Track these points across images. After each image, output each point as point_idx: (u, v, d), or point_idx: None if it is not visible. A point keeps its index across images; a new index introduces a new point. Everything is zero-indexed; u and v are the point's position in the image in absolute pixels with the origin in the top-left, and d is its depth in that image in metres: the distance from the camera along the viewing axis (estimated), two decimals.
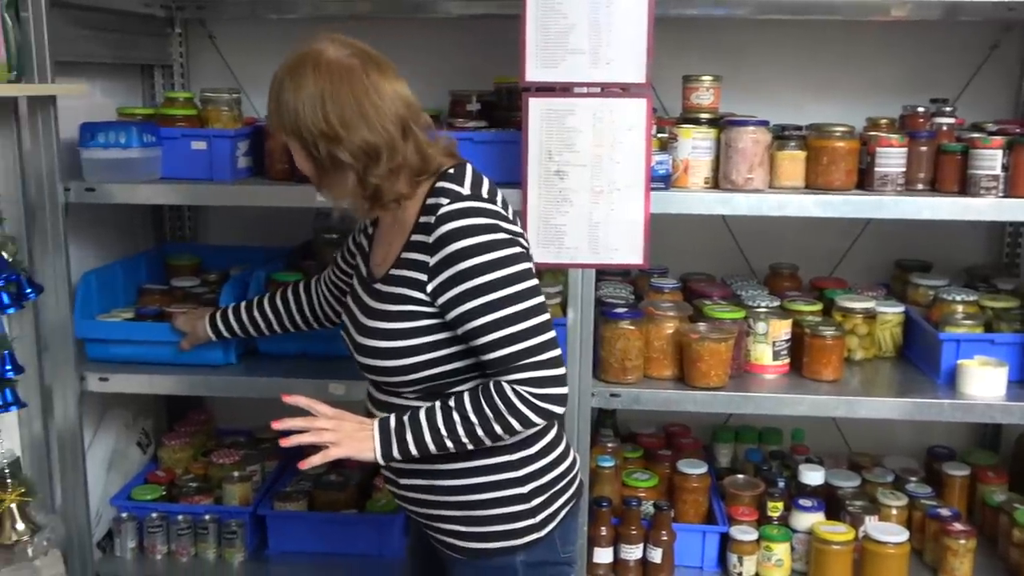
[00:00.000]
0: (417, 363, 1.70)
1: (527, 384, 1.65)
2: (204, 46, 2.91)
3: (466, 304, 1.63)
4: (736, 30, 2.76)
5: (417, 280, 1.68)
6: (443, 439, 1.67)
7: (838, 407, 2.27)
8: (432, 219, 1.65)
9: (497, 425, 1.66)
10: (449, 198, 1.66)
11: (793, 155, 2.27)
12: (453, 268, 1.63)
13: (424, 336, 1.69)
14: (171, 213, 2.98)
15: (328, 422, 1.70)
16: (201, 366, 2.41)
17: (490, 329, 1.63)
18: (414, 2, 2.45)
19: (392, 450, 1.69)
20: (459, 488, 1.76)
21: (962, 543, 2.37)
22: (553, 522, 1.79)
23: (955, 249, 2.84)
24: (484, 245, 1.63)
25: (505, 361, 1.65)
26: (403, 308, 1.69)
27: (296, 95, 1.61)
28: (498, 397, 1.65)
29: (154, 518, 2.56)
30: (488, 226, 1.65)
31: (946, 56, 2.76)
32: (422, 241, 1.67)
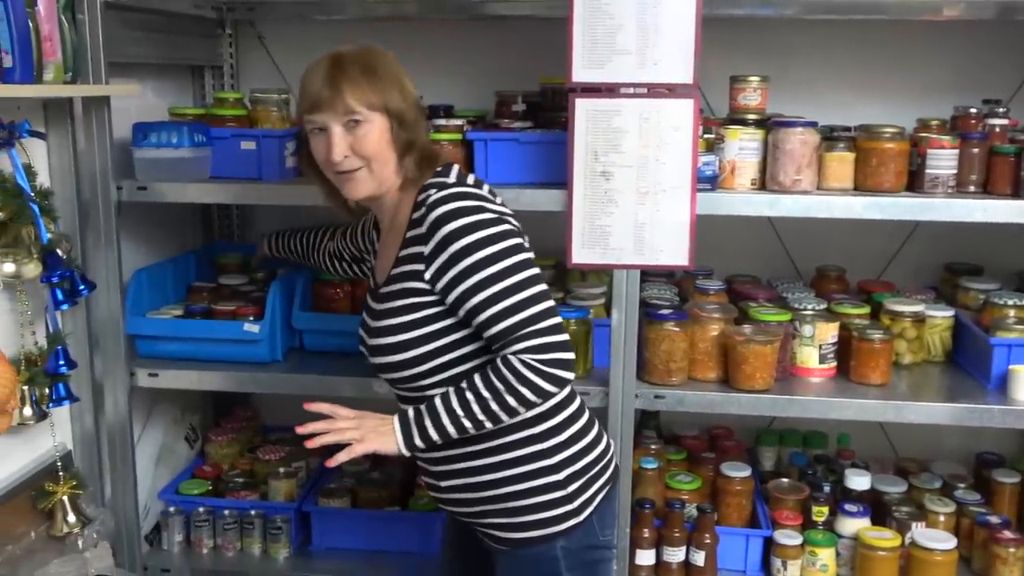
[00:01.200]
0: (426, 352, 1.76)
1: (531, 352, 1.69)
2: (253, 47, 2.95)
3: (463, 284, 1.70)
4: (784, 30, 2.73)
5: (416, 271, 1.75)
6: (460, 419, 1.72)
7: (886, 411, 2.24)
8: (423, 210, 1.73)
9: (510, 397, 1.70)
10: (436, 188, 1.75)
11: (842, 156, 2.25)
12: (447, 250, 1.70)
13: (430, 324, 1.75)
14: (220, 212, 3.02)
15: (349, 421, 1.77)
16: (247, 363, 2.44)
17: (488, 304, 1.69)
18: (459, 3, 2.46)
19: (414, 438, 1.74)
20: (497, 482, 1.81)
21: (1012, 551, 2.34)
22: (591, 507, 1.84)
23: (1006, 252, 2.78)
24: (473, 225, 1.70)
25: (506, 333, 1.70)
26: (406, 301, 1.76)
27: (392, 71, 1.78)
28: (506, 369, 1.70)
29: (201, 512, 2.60)
30: (474, 207, 1.72)
31: (999, 56, 2.71)
32: (417, 234, 1.75)
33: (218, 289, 2.66)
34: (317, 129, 1.78)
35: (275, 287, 2.48)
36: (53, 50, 2.02)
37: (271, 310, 2.46)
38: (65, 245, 2.10)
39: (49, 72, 2.01)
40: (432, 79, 2.82)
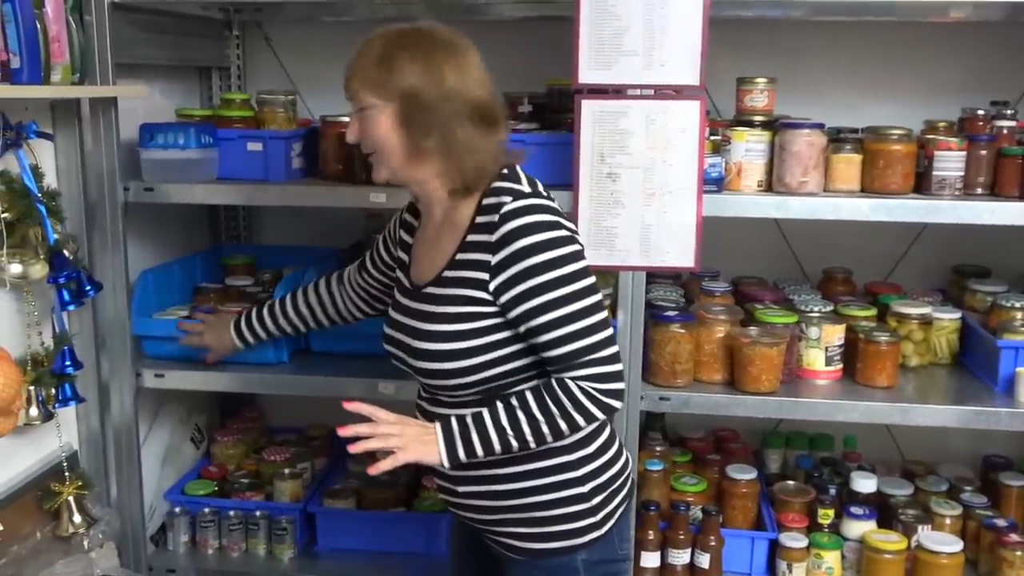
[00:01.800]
0: (478, 364, 1.70)
1: (590, 380, 1.67)
2: (260, 48, 2.95)
3: (530, 301, 1.65)
4: (791, 32, 2.73)
5: (478, 280, 1.68)
6: (508, 438, 1.68)
7: (892, 414, 2.24)
8: (495, 217, 1.66)
9: (563, 421, 1.67)
10: (511, 196, 1.67)
11: (849, 158, 2.24)
12: (518, 265, 1.64)
13: (485, 336, 1.69)
14: (227, 213, 3.03)
15: (392, 427, 1.70)
16: (253, 364, 2.44)
17: (554, 326, 1.65)
18: (466, 4, 2.46)
19: (457, 451, 1.69)
20: (520, 491, 1.77)
21: (1019, 555, 2.32)
22: (612, 519, 1.81)
23: (1014, 254, 2.78)
24: (548, 242, 1.65)
25: (569, 358, 1.66)
26: (463, 309, 1.70)
27: (412, 57, 1.66)
28: (563, 393, 1.67)
29: (206, 513, 2.60)
30: (551, 223, 1.66)
31: (1007, 57, 2.71)
32: (482, 240, 1.68)
33: (224, 290, 2.67)
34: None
35: (281, 288, 2.48)
36: (61, 51, 2.03)
37: None
38: (72, 246, 2.11)
39: (57, 73, 2.02)
40: None
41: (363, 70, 1.68)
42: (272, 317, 2.27)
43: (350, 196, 2.34)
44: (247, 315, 2.30)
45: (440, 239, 1.78)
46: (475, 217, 1.71)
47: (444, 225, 1.78)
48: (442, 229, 1.78)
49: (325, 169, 2.46)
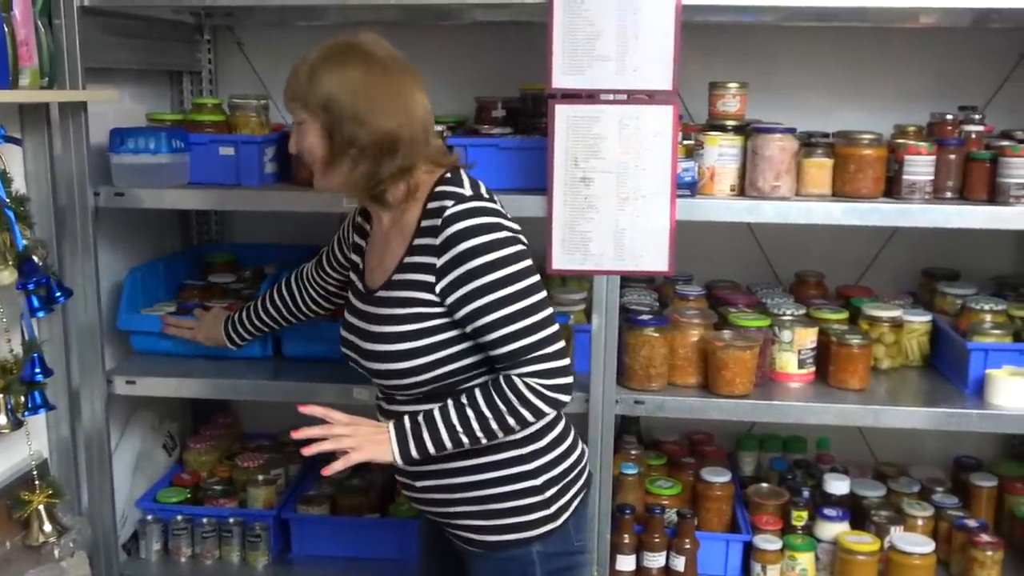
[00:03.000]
0: (428, 363, 1.74)
1: (537, 376, 1.71)
2: (232, 52, 2.94)
3: (475, 302, 1.69)
4: (763, 37, 2.75)
5: (424, 282, 1.73)
6: (459, 435, 1.72)
7: (864, 416, 2.25)
8: (438, 221, 1.71)
9: (510, 418, 1.72)
10: (453, 200, 1.72)
11: (820, 163, 2.26)
12: (462, 267, 1.69)
13: (433, 336, 1.74)
14: (199, 217, 3.01)
15: (345, 428, 1.75)
16: (234, 361, 2.46)
17: (499, 325, 1.69)
18: (440, 9, 2.45)
19: (409, 449, 1.74)
20: (474, 484, 1.81)
21: (989, 554, 2.35)
22: (567, 512, 1.85)
23: (983, 258, 2.81)
24: (490, 244, 1.69)
25: (515, 355, 1.70)
26: (411, 311, 1.74)
27: (335, 74, 1.68)
28: (509, 390, 1.71)
29: (179, 521, 2.58)
30: (492, 225, 1.71)
31: (975, 63, 2.74)
32: (427, 244, 1.73)
33: (208, 287, 2.69)
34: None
35: (264, 285, 2.50)
36: (29, 55, 2.01)
37: None
38: (41, 252, 2.08)
39: (25, 77, 2.00)
40: None
41: (294, 82, 1.73)
42: (250, 317, 2.34)
43: (323, 201, 2.33)
44: (234, 316, 2.37)
45: (389, 243, 1.83)
46: (421, 221, 1.75)
47: (392, 230, 1.82)
48: (390, 234, 1.83)
49: (298, 174, 2.45)
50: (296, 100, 1.72)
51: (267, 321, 2.31)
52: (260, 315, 2.32)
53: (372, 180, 1.73)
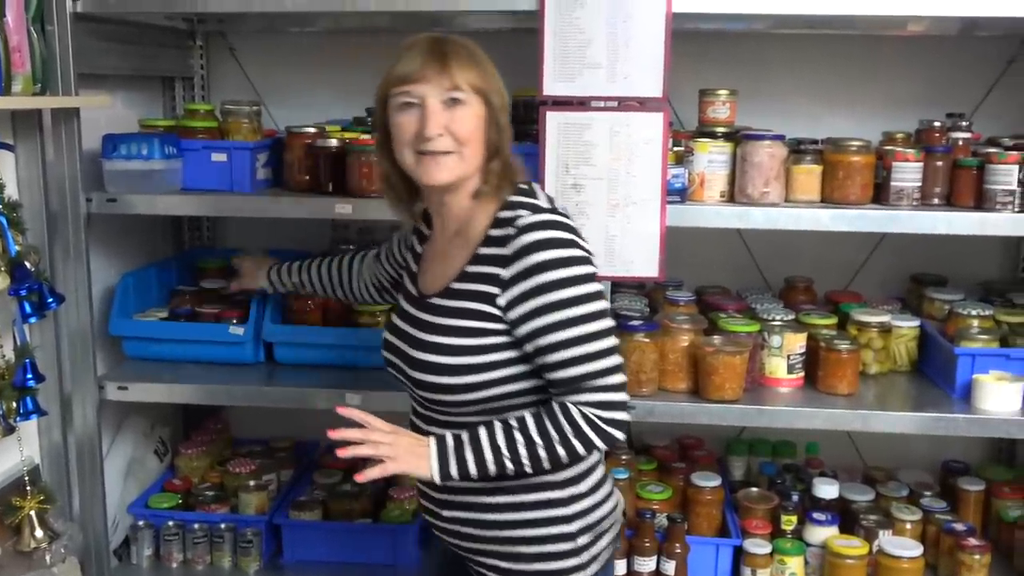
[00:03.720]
0: (480, 381, 1.64)
1: (595, 407, 1.60)
2: (225, 58, 2.95)
3: (542, 319, 1.58)
4: (753, 44, 2.77)
5: (487, 293, 1.63)
6: (503, 459, 1.61)
7: (853, 421, 2.27)
8: (511, 231, 1.61)
9: (561, 448, 1.60)
10: (529, 210, 1.63)
11: (809, 169, 2.28)
12: (532, 280, 1.59)
13: (491, 353, 1.63)
14: (190, 223, 3.02)
15: (385, 436, 1.63)
16: (226, 367, 2.49)
17: (564, 347, 1.58)
18: (431, 16, 2.46)
19: (449, 467, 1.62)
20: (505, 523, 1.71)
21: (977, 558, 2.37)
22: (596, 564, 1.75)
23: (971, 263, 2.83)
24: (565, 260, 1.59)
25: (575, 381, 1.60)
26: (469, 324, 1.64)
27: (488, 64, 1.68)
28: (564, 418, 1.60)
29: (170, 526, 2.58)
30: (569, 241, 1.61)
31: (963, 70, 2.76)
32: (495, 254, 1.63)
33: (200, 292, 2.69)
34: (407, 104, 1.64)
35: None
36: (22, 61, 2.01)
37: (255, 313, 2.51)
38: (33, 257, 2.08)
39: (18, 83, 2.00)
40: None
41: (461, 62, 1.64)
42: (299, 275, 2.32)
43: (316, 207, 2.34)
44: (281, 266, 2.37)
45: (451, 250, 1.73)
46: (489, 229, 1.66)
47: (456, 237, 1.73)
48: (454, 240, 1.73)
49: (291, 180, 2.46)
50: (467, 82, 1.63)
51: (316, 281, 2.28)
52: (309, 275, 2.29)
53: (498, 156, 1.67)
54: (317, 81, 2.91)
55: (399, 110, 1.66)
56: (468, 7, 2.19)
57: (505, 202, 1.67)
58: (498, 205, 1.67)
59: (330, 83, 2.90)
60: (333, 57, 2.89)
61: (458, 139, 1.63)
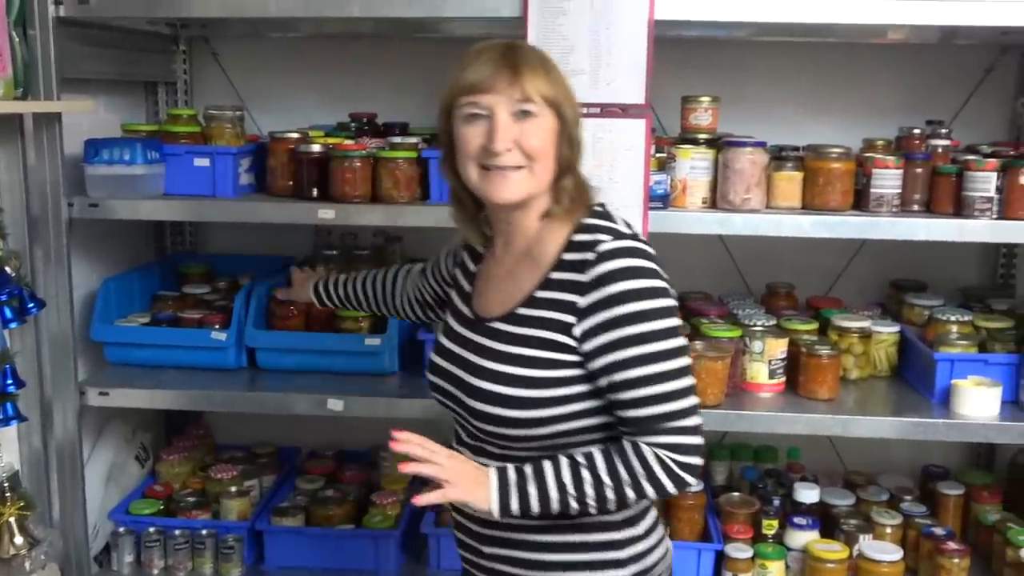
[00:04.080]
0: (548, 416, 1.52)
1: (670, 450, 1.49)
2: (208, 63, 2.94)
3: (619, 352, 1.48)
4: (735, 51, 2.79)
5: (561, 322, 1.52)
6: (568, 497, 1.49)
7: (833, 426, 2.28)
8: (590, 255, 1.50)
9: (630, 490, 1.49)
10: (610, 235, 1.52)
11: (790, 176, 2.29)
12: (611, 311, 1.48)
13: (562, 387, 1.52)
14: (173, 227, 3.01)
15: (445, 460, 1.52)
16: (208, 373, 2.49)
17: (640, 384, 1.48)
18: (414, 23, 2.47)
19: (510, 502, 1.50)
20: (554, 564, 1.59)
21: (956, 562, 2.39)
22: None
23: (950, 269, 2.86)
24: (647, 291, 1.48)
25: (650, 421, 1.49)
26: (538, 354, 1.53)
27: (559, 75, 1.57)
28: (636, 459, 1.49)
29: (151, 533, 2.57)
30: (651, 271, 1.51)
31: (942, 78, 2.79)
32: (570, 280, 1.52)
33: (182, 298, 2.69)
34: (474, 115, 1.53)
35: (241, 296, 2.53)
36: (3, 65, 2.01)
37: (238, 318, 2.51)
38: (15, 262, 2.08)
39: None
40: (387, 97, 2.85)
41: (534, 71, 1.52)
42: (345, 289, 2.20)
43: (298, 212, 2.34)
44: (327, 280, 2.24)
45: (516, 273, 1.61)
46: (563, 253, 1.55)
47: (523, 258, 1.61)
48: (520, 262, 1.61)
49: (274, 185, 2.46)
50: (539, 93, 1.51)
51: (361, 295, 2.16)
52: (354, 290, 2.17)
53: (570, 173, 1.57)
54: (300, 86, 2.91)
55: (465, 121, 1.54)
56: (452, 13, 2.19)
57: (580, 224, 1.56)
58: (572, 227, 1.56)
59: (313, 88, 2.91)
60: (316, 62, 2.90)
61: (528, 154, 1.52)
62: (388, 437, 2.83)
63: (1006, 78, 2.78)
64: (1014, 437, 2.29)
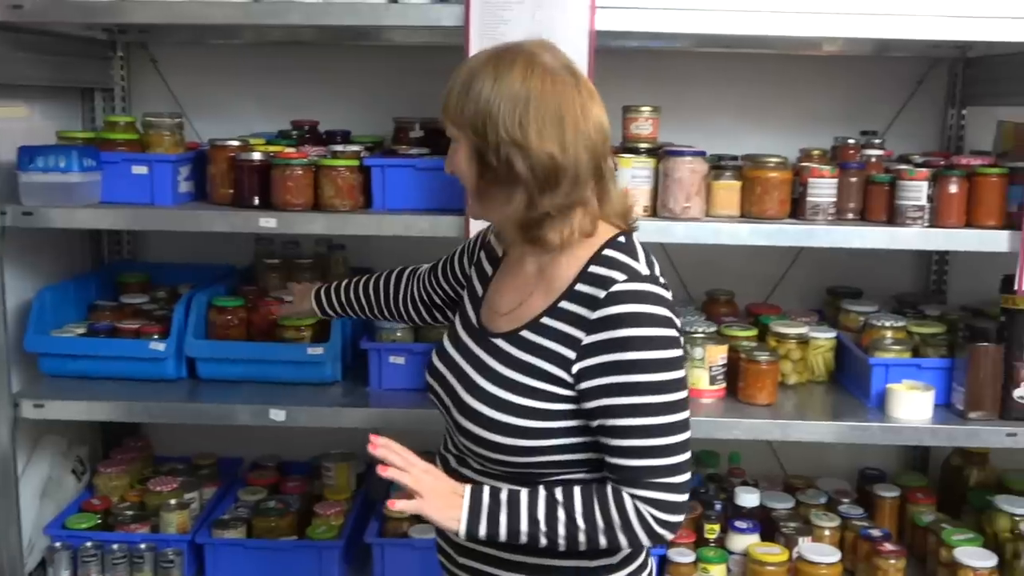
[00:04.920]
0: (532, 447, 1.49)
1: (652, 505, 1.44)
2: (146, 70, 2.90)
3: (613, 399, 1.43)
4: (676, 62, 2.82)
5: (561, 355, 1.47)
6: (538, 533, 1.46)
7: (772, 431, 2.32)
8: (600, 293, 1.45)
9: (603, 536, 1.45)
10: (626, 274, 1.46)
11: (729, 185, 2.33)
12: (613, 355, 1.43)
13: (553, 420, 1.48)
14: (110, 236, 2.96)
15: (423, 475, 1.49)
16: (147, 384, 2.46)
17: (633, 434, 1.43)
18: (356, 30, 2.47)
19: (478, 527, 1.47)
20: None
21: (892, 563, 2.43)
22: None
23: (884, 276, 2.92)
24: (656, 340, 1.43)
25: (636, 473, 1.44)
26: (535, 384, 1.49)
27: (496, 89, 1.42)
28: (615, 508, 1.44)
29: (89, 547, 2.51)
30: (663, 319, 1.45)
31: (876, 90, 2.85)
32: (578, 314, 1.47)
33: (120, 308, 2.65)
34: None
35: (180, 306, 2.49)
36: None
37: (177, 328, 2.47)
38: None
39: None
40: (330, 105, 2.84)
41: (447, 95, 1.49)
42: (346, 295, 2.13)
43: (239, 221, 2.31)
44: (328, 287, 2.18)
45: (526, 291, 1.56)
46: (576, 283, 1.49)
47: (536, 277, 1.56)
48: (532, 281, 1.57)
49: (214, 193, 2.43)
50: (446, 115, 1.49)
51: (362, 299, 2.08)
52: (355, 293, 2.10)
53: (529, 215, 1.46)
54: (242, 93, 2.89)
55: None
56: (393, 22, 2.19)
57: (599, 255, 1.50)
58: (590, 255, 1.50)
59: (255, 96, 2.88)
60: (258, 69, 2.87)
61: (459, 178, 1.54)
62: (331, 447, 2.85)
63: (937, 90, 2.86)
64: (947, 440, 2.35)
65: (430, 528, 2.49)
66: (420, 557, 2.48)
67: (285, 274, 2.72)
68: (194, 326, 2.49)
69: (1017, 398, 2.31)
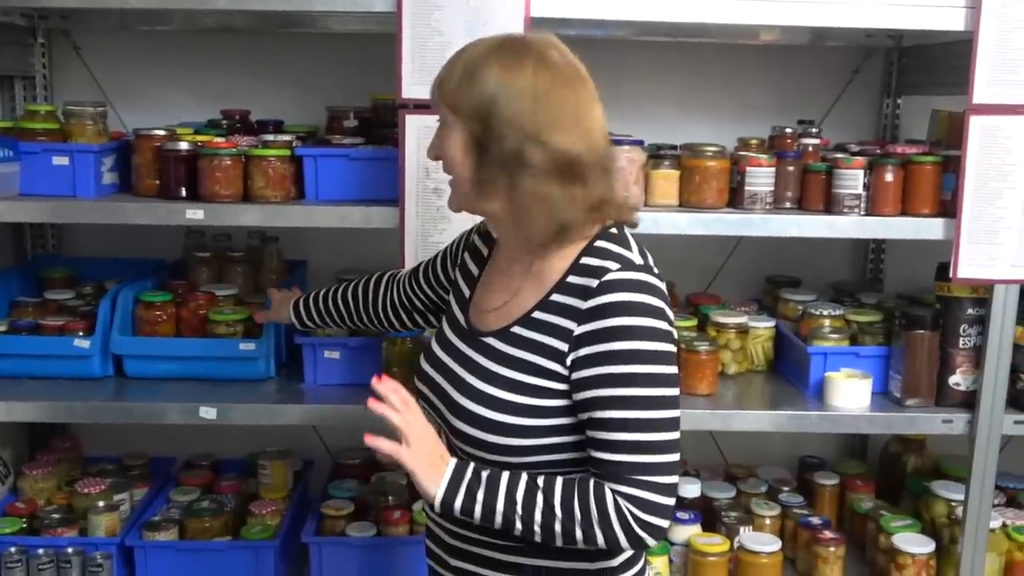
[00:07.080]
0: (529, 446, 1.45)
1: (633, 503, 1.39)
2: (69, 57, 2.80)
3: (602, 390, 1.40)
4: (613, 51, 2.80)
5: (554, 348, 1.44)
6: (514, 516, 1.41)
7: (713, 421, 2.31)
8: (593, 283, 1.42)
9: (579, 530, 1.40)
10: (619, 263, 1.43)
11: (667, 174, 2.31)
12: (603, 345, 1.40)
13: (546, 417, 1.45)
14: (33, 230, 2.85)
15: (419, 427, 1.45)
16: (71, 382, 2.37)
17: (617, 427, 1.39)
18: (289, 16, 2.40)
19: (455, 499, 1.43)
20: None
21: (832, 550, 2.45)
22: None
23: (822, 265, 2.94)
24: (647, 331, 1.39)
25: (620, 468, 1.39)
26: (529, 380, 1.46)
27: (504, 80, 1.40)
28: (595, 502, 1.39)
29: (12, 553, 2.42)
30: (657, 310, 1.41)
31: (813, 79, 2.86)
32: (570, 305, 1.44)
33: (43, 304, 2.55)
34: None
35: (106, 301, 2.41)
36: None
37: (103, 324, 2.39)
38: None
39: None
40: (261, 94, 2.77)
41: (445, 80, 1.45)
42: (325, 303, 2.09)
43: (165, 213, 2.24)
44: (306, 297, 2.14)
45: (516, 288, 1.53)
46: (568, 275, 1.46)
47: (527, 274, 1.52)
48: (523, 275, 1.53)
49: (139, 184, 2.35)
50: (443, 100, 1.44)
51: (340, 310, 2.04)
52: (334, 300, 2.05)
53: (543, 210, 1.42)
54: (169, 82, 2.80)
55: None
56: (323, 8, 2.13)
57: (591, 247, 1.47)
58: (582, 247, 1.48)
59: (183, 84, 2.80)
60: (186, 57, 2.79)
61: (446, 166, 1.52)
62: (267, 444, 2.79)
63: (872, 79, 2.88)
64: (884, 427, 2.37)
65: (368, 526, 2.46)
66: (357, 556, 2.43)
67: (216, 268, 2.64)
68: (120, 322, 2.41)
69: (953, 385, 2.33)
